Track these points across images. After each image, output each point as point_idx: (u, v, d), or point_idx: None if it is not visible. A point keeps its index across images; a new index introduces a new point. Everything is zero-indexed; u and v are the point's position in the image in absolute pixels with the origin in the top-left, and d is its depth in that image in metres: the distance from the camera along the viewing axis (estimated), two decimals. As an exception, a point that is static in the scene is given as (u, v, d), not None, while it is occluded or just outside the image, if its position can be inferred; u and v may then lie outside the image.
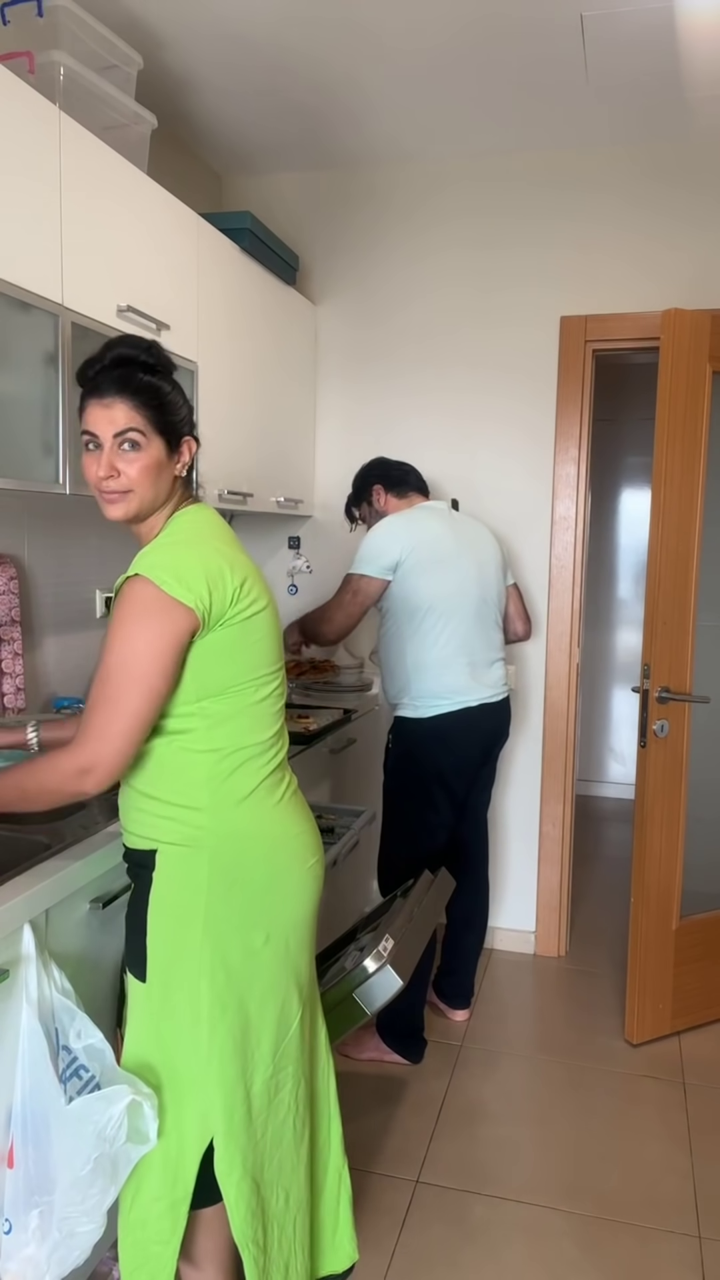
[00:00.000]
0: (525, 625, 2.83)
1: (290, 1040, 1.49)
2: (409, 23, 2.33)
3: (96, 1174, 1.32)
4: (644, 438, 5.08)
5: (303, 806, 1.55)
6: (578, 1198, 2.12)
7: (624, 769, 5.35)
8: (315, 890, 1.53)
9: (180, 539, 1.39)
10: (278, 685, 1.47)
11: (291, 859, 1.48)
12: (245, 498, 2.71)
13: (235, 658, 1.38)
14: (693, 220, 2.98)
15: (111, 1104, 1.32)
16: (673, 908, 2.73)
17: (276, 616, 1.49)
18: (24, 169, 1.70)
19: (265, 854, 1.44)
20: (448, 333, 3.22)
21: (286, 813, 1.49)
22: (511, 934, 3.35)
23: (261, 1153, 1.47)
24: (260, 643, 1.41)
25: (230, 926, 1.41)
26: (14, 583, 2.17)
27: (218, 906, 1.40)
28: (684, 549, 2.62)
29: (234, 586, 1.35)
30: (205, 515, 1.47)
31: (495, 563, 2.63)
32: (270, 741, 1.46)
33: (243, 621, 1.37)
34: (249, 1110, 1.44)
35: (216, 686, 1.37)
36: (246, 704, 1.41)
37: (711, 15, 2.25)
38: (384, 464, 2.72)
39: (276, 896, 1.46)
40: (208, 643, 1.34)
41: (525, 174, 3.10)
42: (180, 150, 3.06)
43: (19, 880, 1.44)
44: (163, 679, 1.31)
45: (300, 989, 1.51)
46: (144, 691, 1.30)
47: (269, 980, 1.46)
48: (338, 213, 3.29)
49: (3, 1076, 1.35)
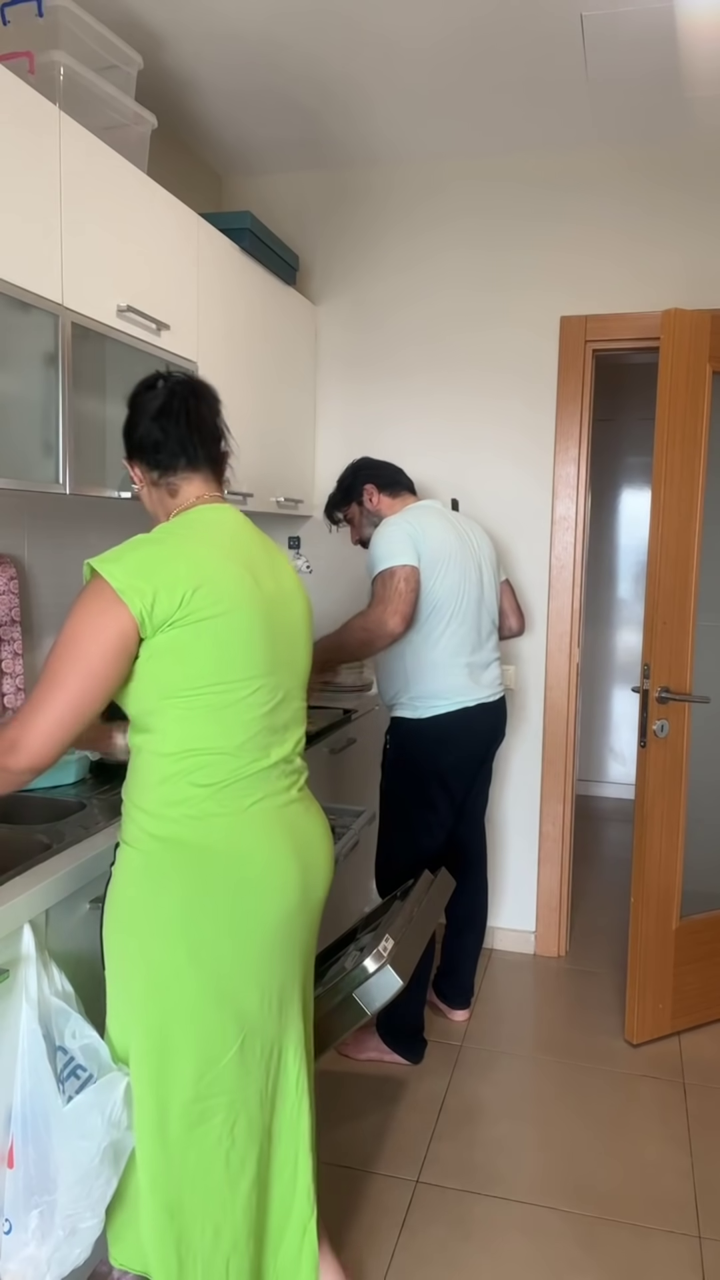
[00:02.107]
0: (519, 620, 2.82)
1: (222, 1071, 1.39)
2: (409, 23, 2.33)
3: (104, 1164, 1.34)
4: (644, 438, 5.09)
5: (285, 822, 1.44)
6: (578, 1197, 2.12)
7: (624, 769, 5.35)
8: (273, 917, 1.41)
9: (152, 538, 1.39)
10: (255, 691, 1.40)
11: (237, 877, 1.38)
12: (245, 498, 2.71)
13: (191, 659, 1.34)
14: (693, 220, 2.98)
15: (112, 1089, 1.35)
16: (673, 908, 2.73)
17: (265, 620, 1.41)
18: (24, 169, 1.70)
19: (198, 866, 1.36)
20: (448, 333, 3.22)
21: (246, 825, 1.39)
22: (511, 934, 3.35)
23: (179, 1179, 1.39)
24: (224, 647, 1.36)
25: (155, 937, 1.36)
26: (14, 583, 2.17)
27: (143, 913, 1.37)
28: (684, 549, 2.62)
29: (187, 589, 1.32)
30: (201, 515, 1.47)
31: (491, 563, 2.63)
32: (238, 749, 1.39)
33: (196, 624, 1.33)
34: (163, 1127, 1.38)
35: (173, 688, 1.35)
36: (207, 707, 1.36)
37: (711, 15, 2.25)
38: (373, 463, 2.68)
39: (206, 916, 1.36)
40: (159, 642, 1.32)
41: (525, 174, 3.10)
42: (180, 150, 3.06)
43: (19, 880, 1.44)
44: (99, 666, 1.29)
45: (241, 1022, 1.40)
46: (80, 676, 1.29)
47: (191, 1004, 1.37)
48: (337, 213, 3.29)
49: (3, 1076, 1.35)
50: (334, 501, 2.71)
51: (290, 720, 1.50)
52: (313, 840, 1.51)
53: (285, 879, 1.43)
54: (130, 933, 1.39)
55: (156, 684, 1.34)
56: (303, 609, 1.54)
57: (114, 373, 2.12)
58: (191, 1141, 1.40)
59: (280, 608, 1.47)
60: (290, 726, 1.50)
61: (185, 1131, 1.40)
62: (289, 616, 1.49)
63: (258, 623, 1.40)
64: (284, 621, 1.47)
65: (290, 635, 1.49)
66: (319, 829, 1.55)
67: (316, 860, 1.51)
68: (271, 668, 1.43)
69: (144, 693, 1.35)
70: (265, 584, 1.45)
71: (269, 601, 1.44)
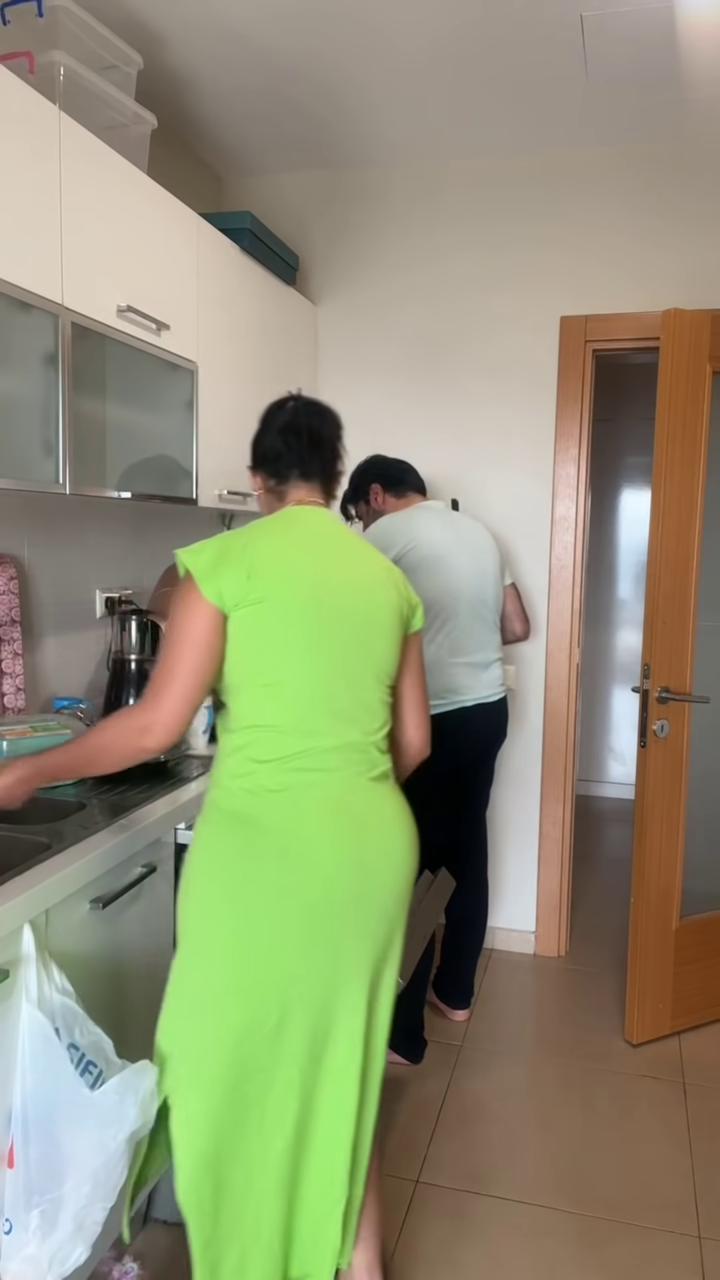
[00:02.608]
0: (524, 625, 2.83)
1: (258, 1043, 1.45)
2: (409, 23, 2.33)
3: (124, 1153, 1.35)
4: (644, 438, 5.09)
5: (342, 805, 1.48)
6: (578, 1198, 2.12)
7: (624, 769, 5.35)
8: (317, 895, 1.44)
9: (233, 531, 1.53)
10: (309, 673, 1.47)
11: (281, 850, 1.43)
12: (245, 498, 2.72)
13: (251, 639, 1.46)
14: (693, 220, 2.98)
15: (144, 1075, 1.38)
16: (673, 908, 2.73)
17: (326, 607, 1.49)
18: (24, 169, 1.70)
19: (249, 838, 1.44)
20: (448, 332, 3.22)
21: (296, 802, 1.45)
22: (511, 934, 3.35)
23: (218, 1132, 1.46)
24: (276, 628, 1.46)
25: (206, 899, 1.46)
26: (14, 583, 2.17)
27: (200, 875, 1.48)
28: (684, 549, 2.62)
29: (248, 573, 1.45)
30: (288, 513, 1.59)
31: (493, 562, 2.63)
32: (292, 728, 1.47)
33: (256, 605, 1.45)
34: (206, 1079, 1.45)
35: (239, 666, 1.47)
36: (264, 684, 1.46)
37: (711, 15, 2.25)
38: (381, 462, 2.71)
39: (253, 887, 1.43)
40: (234, 624, 1.46)
41: (525, 174, 3.10)
42: (180, 150, 3.06)
43: (19, 880, 1.44)
44: (198, 644, 1.44)
45: (281, 998, 1.45)
46: (186, 658, 1.44)
47: (230, 972, 1.43)
48: (337, 212, 3.29)
49: (2, 1077, 1.35)
50: (346, 497, 2.75)
51: (359, 707, 1.52)
52: (376, 828, 1.52)
53: (333, 859, 1.46)
54: (187, 893, 1.49)
55: (230, 663, 1.47)
56: (386, 602, 1.57)
57: (114, 373, 2.13)
58: (231, 1101, 1.46)
59: (353, 597, 1.52)
60: (360, 713, 1.53)
61: (225, 1090, 1.45)
62: (364, 606, 1.54)
63: (315, 609, 1.48)
64: (355, 610, 1.52)
65: (363, 625, 1.53)
66: (388, 819, 1.54)
67: (380, 849, 1.52)
68: (329, 652, 1.49)
69: (225, 671, 1.48)
70: (337, 575, 1.52)
71: (337, 591, 1.51)
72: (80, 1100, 1.34)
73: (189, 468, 2.40)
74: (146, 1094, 1.38)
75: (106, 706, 2.41)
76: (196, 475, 2.41)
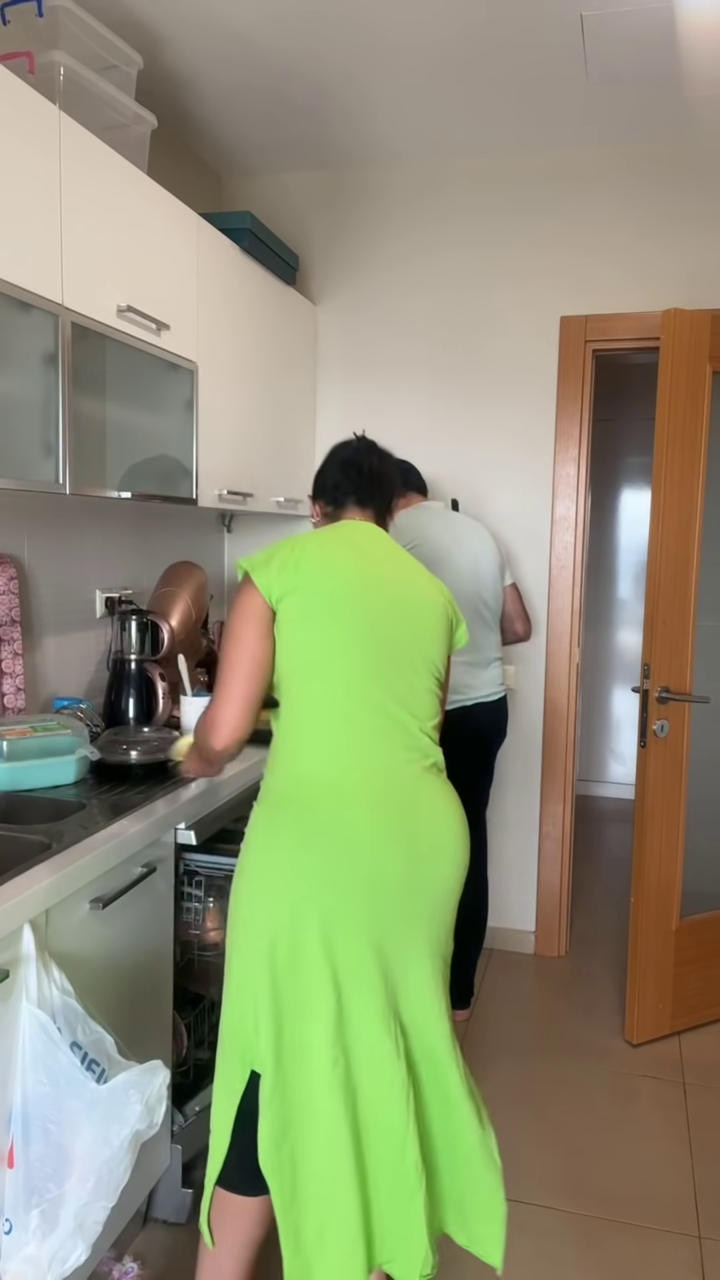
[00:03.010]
0: (525, 625, 2.83)
1: (319, 1023, 1.46)
2: (409, 23, 2.33)
3: (127, 1151, 1.35)
4: (644, 438, 5.09)
5: (388, 793, 1.52)
6: (578, 1197, 2.12)
7: (624, 769, 5.35)
8: (367, 877, 1.47)
9: (287, 539, 1.64)
10: (350, 664, 1.53)
11: (329, 830, 1.47)
12: (245, 498, 2.72)
13: (294, 629, 1.54)
14: (693, 220, 2.98)
15: (154, 1075, 1.38)
16: (673, 908, 2.73)
17: (371, 600, 1.55)
18: (24, 169, 1.70)
19: (300, 822, 1.49)
20: (448, 332, 3.22)
21: (341, 788, 1.49)
22: (511, 934, 3.35)
23: (289, 1105, 1.47)
24: (318, 617, 1.54)
25: (262, 885, 1.49)
26: (14, 583, 2.17)
27: (256, 856, 1.52)
28: (684, 549, 2.62)
29: (293, 565, 1.55)
30: (338, 523, 1.71)
31: (491, 562, 2.63)
32: (336, 717, 1.52)
33: (298, 596, 1.53)
34: (276, 1053, 1.47)
35: (286, 656, 1.55)
36: (307, 674, 1.53)
37: (712, 15, 2.25)
38: None
39: (308, 869, 1.47)
40: (279, 617, 1.55)
41: (525, 174, 3.10)
42: (180, 150, 3.06)
43: (19, 880, 1.44)
44: (252, 644, 1.54)
45: (335, 981, 1.46)
46: (242, 655, 1.54)
47: (292, 969, 1.46)
48: (337, 212, 3.29)
49: (2, 1077, 1.35)
50: None
51: (410, 692, 1.57)
52: (426, 819, 1.55)
53: (378, 846, 1.49)
54: (242, 871, 1.54)
55: (279, 654, 1.55)
56: (433, 600, 1.63)
57: (114, 373, 2.12)
58: (295, 1075, 1.47)
59: (400, 590, 1.59)
60: (411, 698, 1.57)
61: (289, 1064, 1.47)
62: (411, 599, 1.60)
63: (358, 596, 1.55)
64: (402, 602, 1.58)
65: (411, 615, 1.59)
66: (437, 810, 1.57)
67: (431, 841, 1.54)
68: (375, 638, 1.54)
69: (276, 664, 1.56)
70: (384, 570, 1.60)
71: (383, 583, 1.58)
72: (84, 1096, 1.34)
73: (189, 468, 2.40)
74: (154, 1094, 1.37)
75: (106, 706, 2.41)
76: (196, 475, 2.42)
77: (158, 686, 2.38)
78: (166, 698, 2.38)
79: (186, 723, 2.34)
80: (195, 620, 2.66)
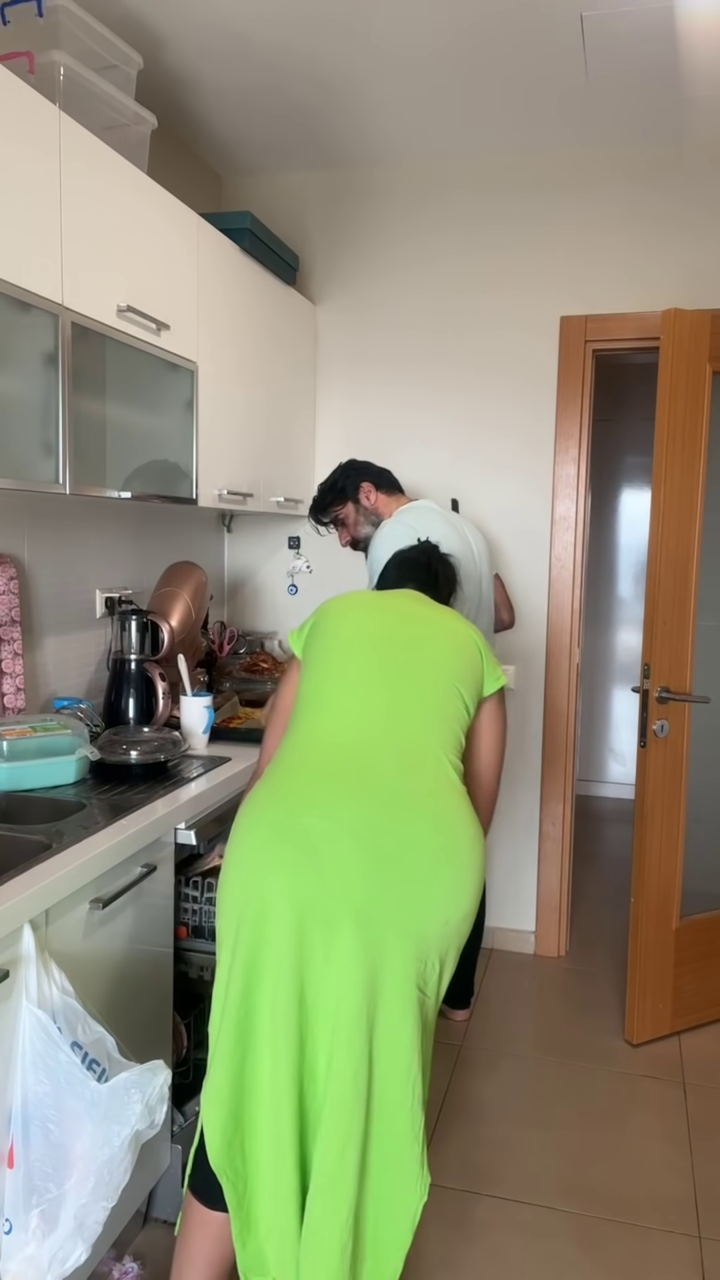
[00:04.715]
0: (510, 613, 2.86)
1: (254, 1014, 1.43)
2: (409, 23, 2.33)
3: (128, 1150, 1.35)
4: (644, 438, 5.09)
5: (346, 784, 1.48)
6: (578, 1198, 2.12)
7: (624, 769, 5.35)
8: (292, 885, 1.41)
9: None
10: (341, 680, 1.62)
11: (279, 790, 1.52)
12: (245, 498, 2.71)
13: (308, 669, 1.71)
14: (693, 220, 2.98)
15: (155, 1075, 1.39)
16: (673, 908, 2.73)
17: (376, 646, 1.66)
18: (24, 169, 1.70)
19: (246, 810, 1.54)
20: (448, 332, 3.22)
21: (294, 775, 1.52)
22: (511, 934, 3.35)
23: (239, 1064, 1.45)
24: (322, 652, 1.69)
25: (226, 873, 1.53)
26: (14, 583, 2.17)
27: (229, 844, 1.57)
28: (684, 549, 2.62)
29: (319, 619, 1.75)
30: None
31: (486, 560, 2.64)
32: (324, 723, 1.58)
33: (315, 639, 1.73)
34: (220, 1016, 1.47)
35: (299, 692, 1.70)
36: (307, 699, 1.65)
37: (712, 15, 2.25)
38: (366, 464, 2.71)
39: (247, 817, 1.52)
40: (304, 663, 1.74)
41: (526, 174, 3.10)
42: (180, 150, 3.06)
43: (19, 880, 1.44)
44: (287, 694, 1.80)
45: (246, 984, 1.43)
46: (281, 712, 1.79)
47: (235, 951, 1.45)
48: (337, 212, 3.29)
49: (2, 1077, 1.35)
50: (326, 503, 2.70)
51: (402, 740, 1.54)
52: (398, 847, 1.44)
53: (332, 817, 1.45)
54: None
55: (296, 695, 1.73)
56: (448, 644, 1.68)
57: (114, 373, 2.12)
58: (241, 1067, 1.46)
59: (417, 626, 1.70)
60: (405, 743, 1.54)
61: (235, 1054, 1.45)
62: (426, 635, 1.69)
63: (367, 631, 1.68)
64: (409, 647, 1.66)
65: (417, 662, 1.64)
66: (424, 846, 1.46)
67: (401, 831, 1.45)
68: (367, 684, 1.60)
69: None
70: (406, 611, 1.73)
71: (399, 622, 1.70)
72: (84, 1096, 1.34)
73: (189, 468, 2.40)
74: (154, 1094, 1.37)
75: (106, 707, 2.41)
76: (196, 475, 2.42)
77: (158, 686, 2.38)
78: (166, 698, 2.38)
79: (187, 723, 2.34)
80: (195, 620, 2.66)
